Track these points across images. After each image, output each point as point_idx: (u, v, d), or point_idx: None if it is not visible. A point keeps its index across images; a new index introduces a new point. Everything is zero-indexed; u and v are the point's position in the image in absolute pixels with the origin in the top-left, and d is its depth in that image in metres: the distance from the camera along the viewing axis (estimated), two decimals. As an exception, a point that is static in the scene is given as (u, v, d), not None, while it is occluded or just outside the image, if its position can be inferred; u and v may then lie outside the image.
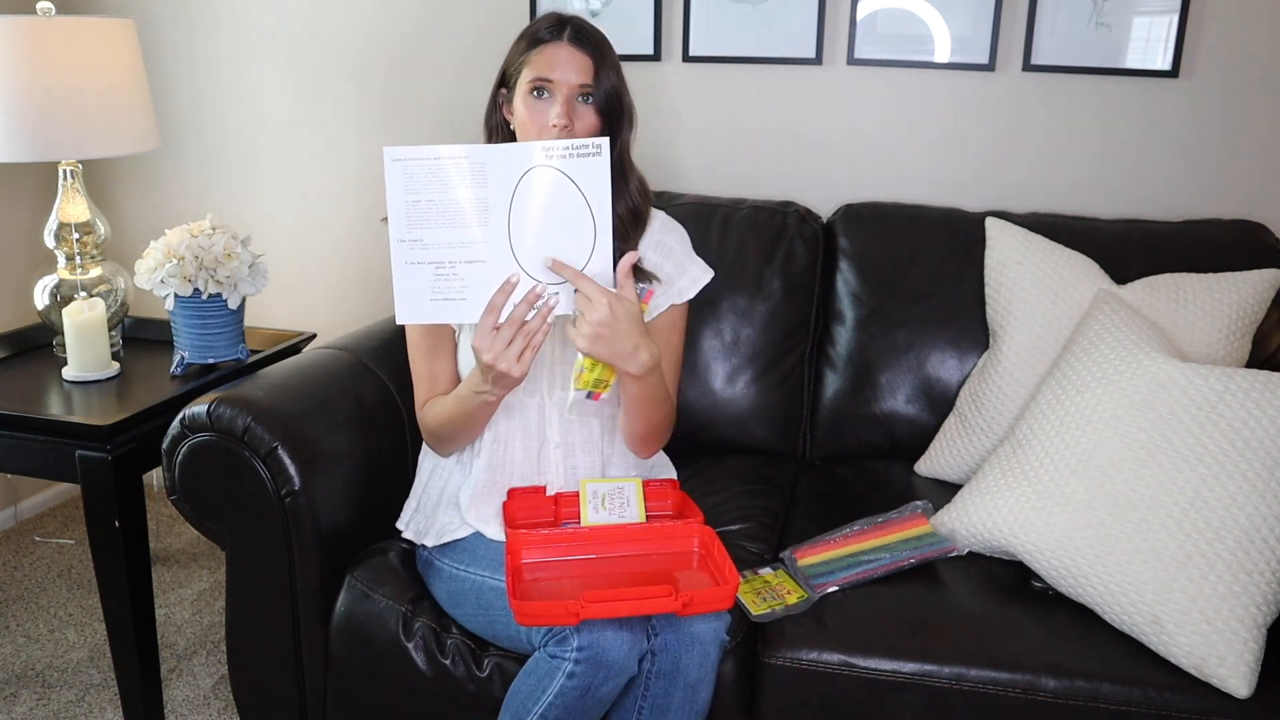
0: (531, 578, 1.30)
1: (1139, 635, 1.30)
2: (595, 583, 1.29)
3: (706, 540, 1.35)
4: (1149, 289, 1.65)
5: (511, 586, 1.22)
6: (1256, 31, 1.92)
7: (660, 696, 1.23)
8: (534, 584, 1.29)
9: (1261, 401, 1.32)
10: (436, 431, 1.44)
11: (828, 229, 1.98)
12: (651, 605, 1.18)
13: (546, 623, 1.19)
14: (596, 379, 1.28)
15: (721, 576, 1.27)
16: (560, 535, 1.34)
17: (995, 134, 2.07)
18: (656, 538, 1.36)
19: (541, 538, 1.33)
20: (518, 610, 1.17)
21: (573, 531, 1.35)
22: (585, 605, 1.16)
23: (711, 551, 1.33)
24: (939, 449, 1.78)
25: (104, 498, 1.60)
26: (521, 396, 1.44)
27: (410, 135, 2.34)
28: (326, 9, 2.31)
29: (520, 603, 1.18)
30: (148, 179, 2.53)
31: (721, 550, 1.30)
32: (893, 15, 2.04)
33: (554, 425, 1.45)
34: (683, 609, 1.19)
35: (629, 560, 1.34)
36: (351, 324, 2.35)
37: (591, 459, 1.46)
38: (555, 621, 1.18)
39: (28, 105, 1.71)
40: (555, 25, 1.35)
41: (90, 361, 1.78)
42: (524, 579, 1.30)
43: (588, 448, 1.46)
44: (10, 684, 1.89)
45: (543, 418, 1.45)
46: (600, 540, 1.35)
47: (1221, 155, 1.99)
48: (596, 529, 1.35)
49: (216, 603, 2.16)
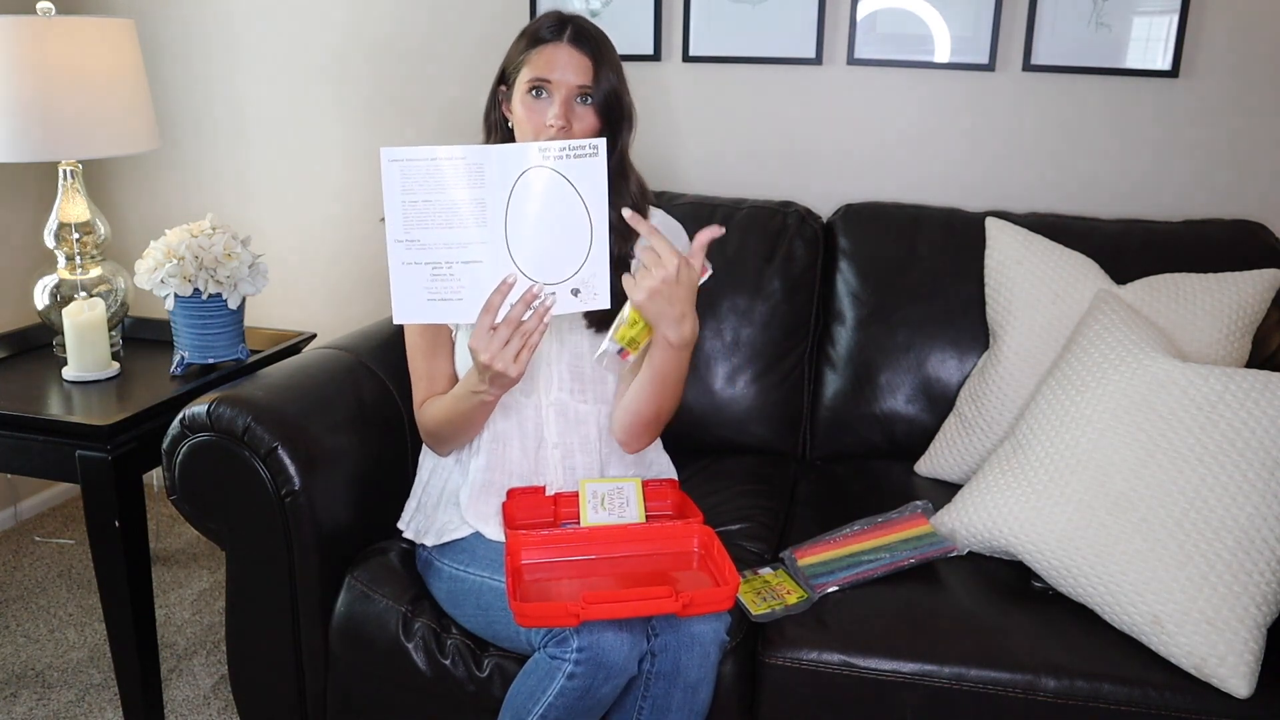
0: (531, 578, 1.30)
1: (1139, 635, 1.30)
2: (595, 584, 1.29)
3: (706, 540, 1.34)
4: (1149, 289, 1.65)
5: (511, 588, 1.22)
6: (1256, 31, 1.93)
7: (660, 697, 1.23)
8: (533, 585, 1.29)
9: (1261, 401, 1.32)
10: (434, 431, 1.44)
11: (828, 229, 1.98)
12: (652, 606, 1.18)
13: (547, 624, 1.19)
14: (634, 336, 1.27)
15: (722, 577, 1.26)
16: (560, 536, 1.34)
17: (995, 134, 2.07)
18: (656, 538, 1.36)
19: (541, 538, 1.33)
20: (518, 612, 1.17)
21: (572, 532, 1.35)
22: (585, 607, 1.16)
23: (711, 551, 1.33)
24: (939, 449, 1.78)
25: (104, 498, 1.60)
26: (518, 396, 1.44)
27: (410, 135, 2.34)
28: (327, 9, 2.31)
29: (520, 604, 1.18)
30: (148, 179, 2.53)
31: (721, 550, 1.30)
32: (893, 15, 2.04)
33: (551, 425, 1.45)
34: (683, 610, 1.19)
35: (629, 561, 1.34)
36: (351, 324, 2.34)
37: (590, 459, 1.46)
38: (555, 623, 1.18)
39: (28, 105, 1.71)
40: (556, 25, 1.35)
41: (90, 361, 1.78)
42: (524, 580, 1.29)
43: (585, 448, 1.46)
44: (10, 684, 1.89)
45: (540, 417, 1.45)
46: (600, 541, 1.35)
47: (1221, 155, 1.99)
48: (596, 529, 1.35)
49: (216, 603, 2.16)
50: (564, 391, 1.45)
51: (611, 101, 1.35)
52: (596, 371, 1.46)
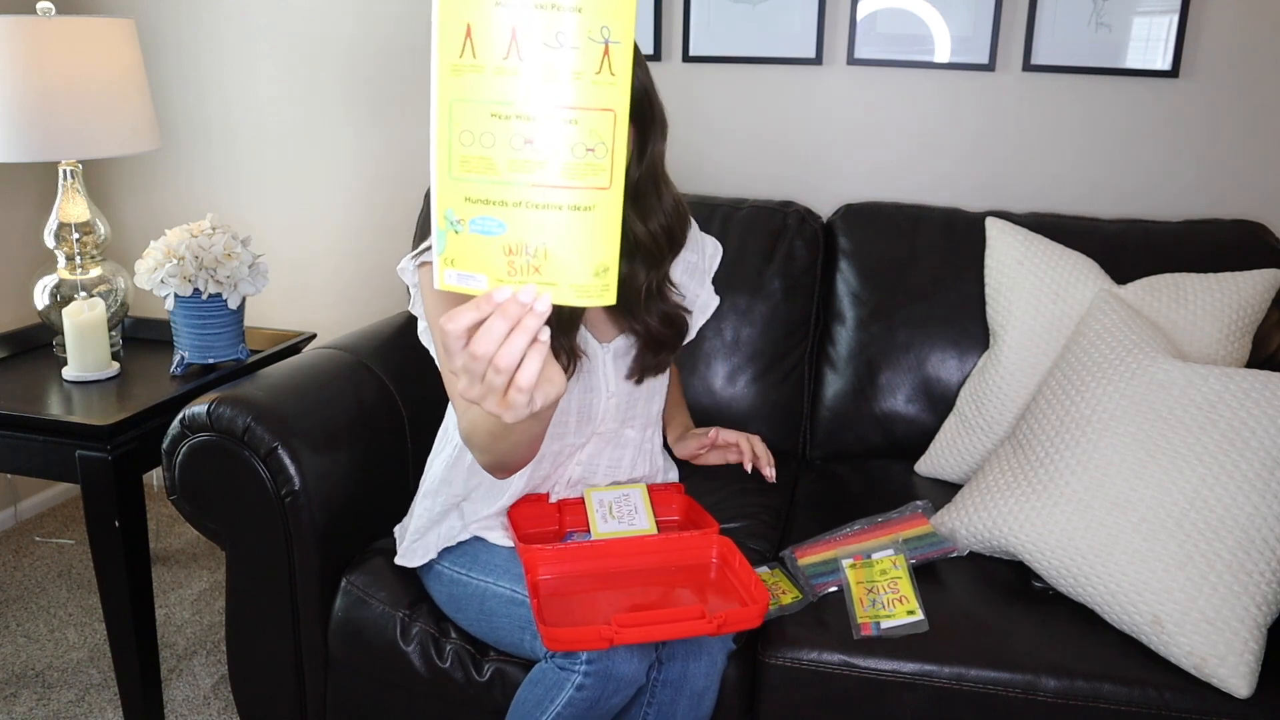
0: (549, 594, 1.26)
1: (1139, 635, 1.30)
2: (617, 600, 1.26)
3: (725, 552, 1.32)
4: (1149, 289, 1.65)
5: (537, 609, 1.18)
6: (1256, 31, 1.92)
7: (666, 705, 1.22)
8: (552, 600, 1.25)
9: (1261, 401, 1.32)
10: (476, 443, 1.09)
11: (828, 229, 1.98)
12: (687, 628, 1.15)
13: (579, 648, 1.14)
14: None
15: (749, 594, 1.24)
16: (575, 549, 1.30)
17: (995, 134, 2.07)
18: (674, 549, 1.33)
19: (556, 552, 1.29)
20: (547, 636, 1.12)
21: (589, 545, 1.30)
22: (619, 630, 1.11)
23: (731, 563, 1.30)
24: (939, 449, 1.78)
25: (104, 498, 1.60)
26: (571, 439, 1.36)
27: (410, 135, 2.34)
28: (327, 9, 2.31)
29: (550, 629, 1.12)
30: (148, 179, 2.53)
31: (744, 563, 1.27)
32: (893, 15, 2.04)
33: (589, 448, 1.39)
34: (717, 630, 1.15)
35: (647, 574, 1.31)
36: (351, 324, 2.35)
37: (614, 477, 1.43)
38: (588, 646, 1.13)
39: (28, 105, 1.71)
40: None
41: (90, 361, 1.78)
42: (542, 596, 1.25)
43: (613, 470, 1.43)
44: (10, 684, 1.89)
45: (580, 441, 1.38)
46: (616, 553, 1.31)
47: (1221, 155, 1.99)
48: (613, 542, 1.31)
49: (216, 603, 2.16)
50: (616, 422, 1.40)
51: (643, 102, 1.19)
52: (647, 393, 1.40)
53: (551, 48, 0.71)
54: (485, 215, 0.74)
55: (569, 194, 0.73)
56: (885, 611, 1.35)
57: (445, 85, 0.73)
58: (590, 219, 0.74)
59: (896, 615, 1.34)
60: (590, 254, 0.75)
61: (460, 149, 0.74)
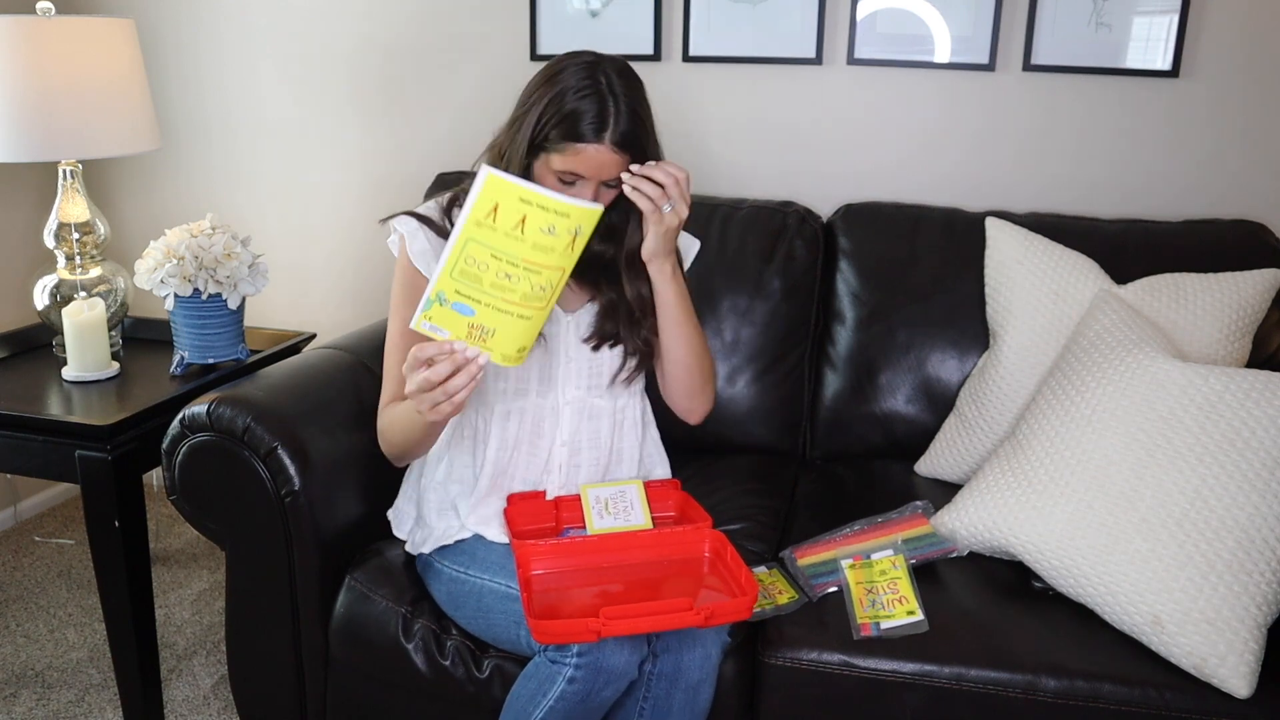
0: (542, 590, 1.28)
1: (1139, 635, 1.30)
2: (609, 594, 1.27)
3: (718, 546, 1.33)
4: (1149, 289, 1.65)
5: (526, 602, 1.19)
6: (1256, 31, 1.93)
7: (662, 698, 1.23)
8: (545, 596, 1.26)
9: (1261, 401, 1.32)
10: (388, 438, 1.38)
11: (828, 229, 1.98)
12: (674, 620, 1.16)
13: (567, 640, 1.16)
14: None
15: (739, 586, 1.25)
16: (569, 544, 1.32)
17: (995, 134, 2.07)
18: (666, 544, 1.34)
19: (549, 548, 1.30)
20: (535, 629, 1.14)
21: (582, 540, 1.32)
22: (606, 623, 1.13)
23: (724, 557, 1.31)
24: (939, 449, 1.78)
25: (104, 498, 1.60)
26: (534, 399, 1.42)
27: (410, 135, 2.34)
28: (327, 9, 2.31)
29: (538, 621, 1.15)
30: (148, 179, 2.53)
31: (735, 556, 1.28)
32: (893, 15, 2.04)
33: (565, 424, 1.43)
34: (704, 622, 1.16)
35: (640, 568, 1.32)
36: (351, 324, 2.35)
37: (597, 455, 1.45)
38: (576, 639, 1.16)
39: (28, 105, 1.71)
40: (596, 121, 1.22)
41: (90, 361, 1.78)
42: (535, 591, 1.27)
43: (595, 443, 1.44)
44: (10, 684, 1.89)
45: (555, 417, 1.42)
46: (610, 548, 1.32)
47: (1222, 155, 1.99)
48: (605, 537, 1.33)
49: (216, 603, 2.16)
50: (581, 389, 1.43)
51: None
52: (613, 363, 1.44)
53: (545, 233, 1.10)
54: (464, 303, 1.13)
55: (520, 309, 1.14)
56: (885, 612, 1.35)
57: (469, 228, 1.10)
58: (526, 324, 1.16)
59: (896, 615, 1.34)
60: (518, 341, 1.17)
61: (463, 264, 1.11)
